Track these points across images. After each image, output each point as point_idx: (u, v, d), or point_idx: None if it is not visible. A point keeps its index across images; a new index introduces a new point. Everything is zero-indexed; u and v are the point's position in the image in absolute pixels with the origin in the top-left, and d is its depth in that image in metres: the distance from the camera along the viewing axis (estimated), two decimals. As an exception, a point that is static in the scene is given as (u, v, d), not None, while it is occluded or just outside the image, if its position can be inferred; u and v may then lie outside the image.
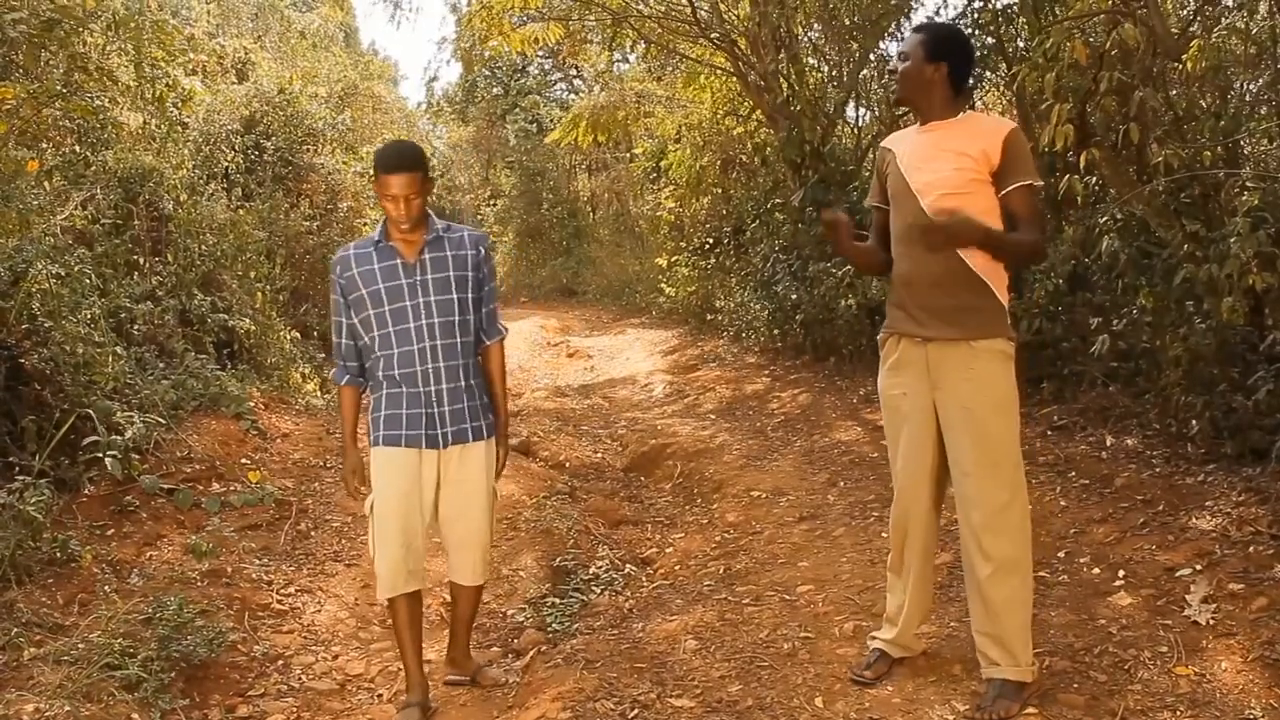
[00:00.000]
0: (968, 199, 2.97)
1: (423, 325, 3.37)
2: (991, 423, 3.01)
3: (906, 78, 3.13)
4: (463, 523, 3.52)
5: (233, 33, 13.30)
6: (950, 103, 3.12)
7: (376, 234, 3.42)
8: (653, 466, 6.98)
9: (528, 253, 20.69)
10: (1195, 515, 4.18)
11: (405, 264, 3.37)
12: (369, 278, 3.38)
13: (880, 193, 3.31)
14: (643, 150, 16.09)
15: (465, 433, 3.45)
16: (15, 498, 4.25)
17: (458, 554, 3.58)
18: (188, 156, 8.79)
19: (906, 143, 3.21)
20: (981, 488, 3.02)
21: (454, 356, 3.42)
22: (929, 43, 3.10)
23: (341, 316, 3.47)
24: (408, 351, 3.37)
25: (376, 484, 3.44)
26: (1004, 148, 2.98)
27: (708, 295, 12.19)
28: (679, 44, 11.31)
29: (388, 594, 3.47)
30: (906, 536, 3.29)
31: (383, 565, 3.43)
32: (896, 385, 3.22)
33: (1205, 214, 4.93)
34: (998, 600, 3.03)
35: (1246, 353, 4.60)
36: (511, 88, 24.12)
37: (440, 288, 3.39)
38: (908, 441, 3.20)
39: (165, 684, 3.55)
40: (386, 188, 3.26)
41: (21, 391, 4.93)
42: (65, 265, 5.57)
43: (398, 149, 3.36)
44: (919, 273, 3.10)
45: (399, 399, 3.40)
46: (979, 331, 3.03)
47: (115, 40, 6.92)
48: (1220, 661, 3.18)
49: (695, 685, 3.50)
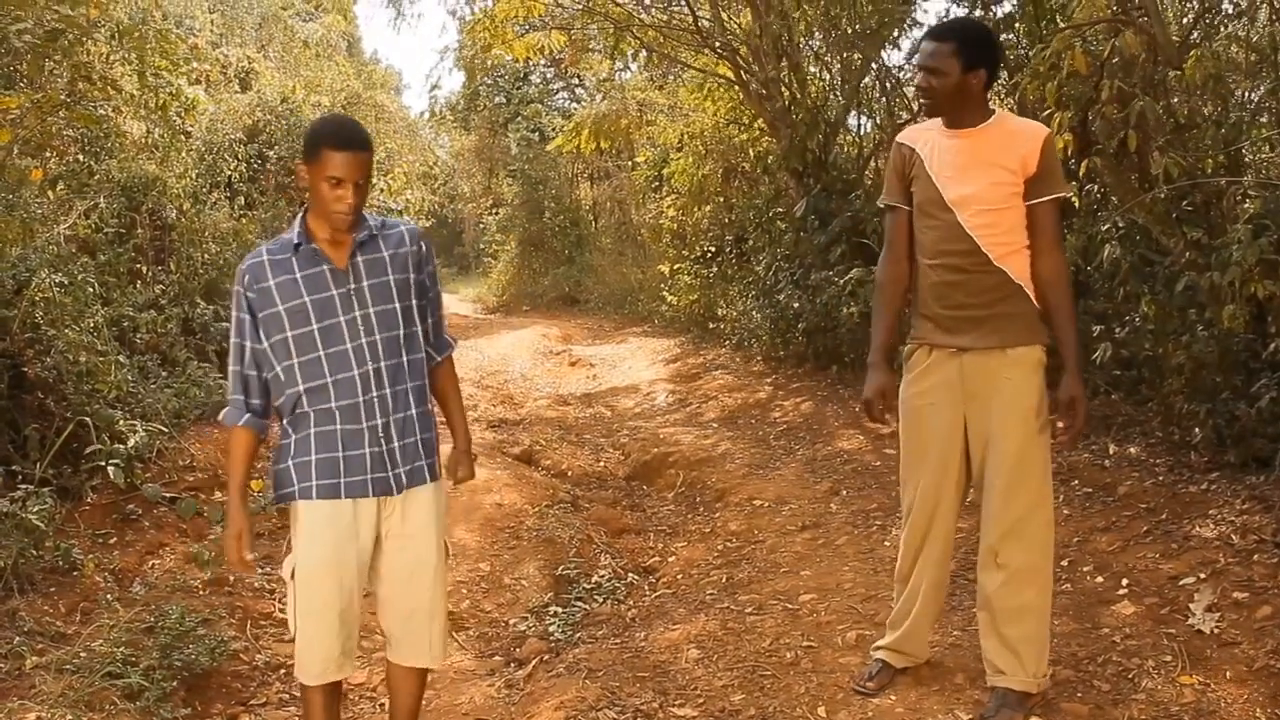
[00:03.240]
0: (1004, 214, 2.93)
1: (362, 345, 2.69)
2: (1025, 433, 2.96)
3: (943, 95, 2.96)
4: (414, 587, 2.83)
5: (236, 42, 13.35)
6: (984, 106, 3.00)
7: (294, 234, 2.70)
8: (655, 475, 6.97)
9: (530, 261, 20.68)
10: (1198, 524, 4.18)
11: (335, 271, 2.69)
12: (288, 290, 2.66)
13: (902, 193, 3.14)
14: (645, 159, 16.10)
15: (422, 471, 2.80)
16: (18, 506, 4.24)
17: (407, 627, 2.86)
18: (191, 165, 8.82)
19: (932, 144, 3.06)
20: (1008, 498, 2.97)
21: (402, 379, 2.76)
22: (964, 50, 2.92)
23: (247, 339, 2.73)
24: (347, 379, 2.67)
25: (304, 546, 2.73)
26: (1041, 154, 2.90)
27: (710, 304, 12.19)
28: (681, 53, 11.33)
29: (314, 680, 2.77)
30: (924, 546, 3.19)
31: (311, 646, 2.74)
32: (923, 395, 3.12)
33: (1207, 222, 4.93)
34: (1008, 609, 3.01)
35: (1249, 360, 4.59)
36: (514, 96, 24.16)
37: (380, 296, 2.72)
38: (936, 453, 3.10)
39: (167, 693, 3.54)
40: (331, 168, 2.56)
41: (24, 400, 4.93)
42: (68, 274, 5.58)
43: (346, 122, 2.73)
44: (955, 284, 3.01)
45: (332, 439, 2.69)
46: (1015, 339, 2.98)
47: (119, 50, 6.94)
48: (1224, 671, 3.17)
49: (698, 694, 3.49)
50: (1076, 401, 2.96)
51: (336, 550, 2.71)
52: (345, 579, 2.72)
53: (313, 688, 2.79)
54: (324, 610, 2.71)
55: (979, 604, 3.13)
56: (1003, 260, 2.95)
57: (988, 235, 2.94)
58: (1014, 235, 2.96)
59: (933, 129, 3.09)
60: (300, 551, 2.74)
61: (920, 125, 3.22)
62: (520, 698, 3.75)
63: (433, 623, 2.87)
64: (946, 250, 3.00)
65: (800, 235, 9.31)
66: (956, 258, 2.98)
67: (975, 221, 2.93)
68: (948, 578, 3.36)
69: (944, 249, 3.01)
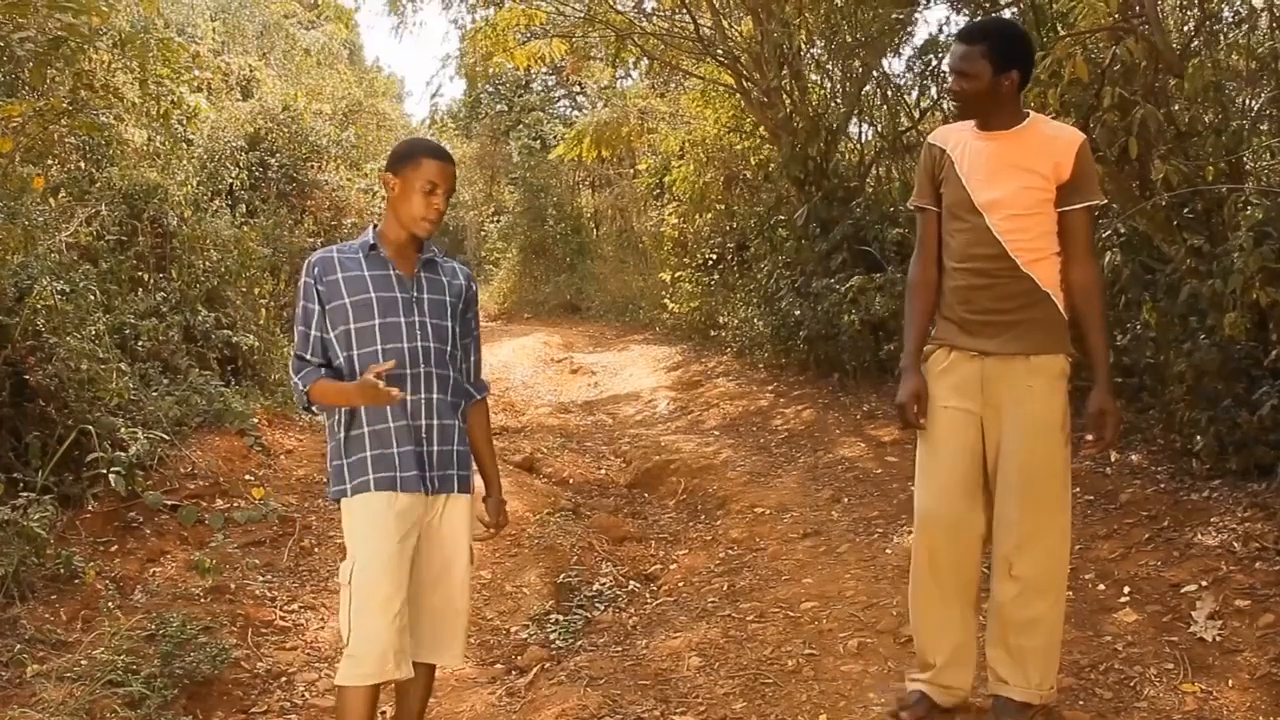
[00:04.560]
0: (1034, 220, 2.90)
1: (418, 347, 2.84)
2: (1045, 443, 2.91)
3: (974, 98, 2.91)
4: (443, 586, 2.93)
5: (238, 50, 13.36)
6: (1017, 109, 2.96)
7: (368, 238, 2.91)
8: (656, 483, 6.97)
9: (531, 269, 20.68)
10: (1200, 531, 4.17)
11: (400, 276, 2.87)
12: (357, 285, 2.84)
13: (932, 195, 3.09)
14: (646, 166, 16.12)
15: (452, 480, 2.92)
16: (19, 514, 4.25)
17: (431, 625, 2.92)
18: (192, 173, 8.81)
19: (963, 145, 3.01)
20: (1023, 508, 2.89)
21: (446, 390, 2.91)
22: (996, 51, 2.86)
23: (314, 328, 2.85)
24: (399, 376, 2.80)
25: (364, 542, 2.78)
26: (1076, 161, 2.87)
27: (711, 311, 12.19)
28: (682, 61, 11.35)
29: (368, 679, 2.75)
30: (954, 559, 3.01)
31: (372, 644, 2.72)
32: (941, 398, 3.03)
33: (1208, 229, 4.93)
34: (1020, 620, 2.94)
35: (1251, 368, 4.59)
36: (515, 104, 24.17)
37: (435, 311, 2.91)
38: (948, 456, 3.01)
39: (168, 701, 3.54)
40: (429, 174, 2.80)
41: (26, 407, 4.93)
42: (70, 281, 5.58)
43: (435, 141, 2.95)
44: (981, 289, 2.96)
45: (386, 435, 2.81)
46: (1040, 347, 2.93)
47: (121, 58, 6.96)
48: (1227, 678, 3.17)
49: (699, 702, 3.48)
50: (1106, 414, 2.91)
51: (393, 543, 2.76)
52: (401, 572, 2.76)
53: (358, 691, 2.76)
54: (385, 603, 2.73)
55: (990, 610, 3.05)
56: (1030, 266, 2.91)
57: (1016, 240, 2.90)
58: (1043, 241, 2.92)
59: (965, 130, 3.04)
60: (358, 547, 2.79)
61: (952, 125, 3.16)
62: (521, 705, 3.75)
63: (456, 622, 2.97)
64: (974, 254, 2.96)
65: (801, 243, 9.32)
66: (983, 262, 2.94)
67: (1004, 226, 2.90)
68: (976, 588, 3.11)
69: (971, 253, 2.97)
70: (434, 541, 2.90)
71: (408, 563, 2.79)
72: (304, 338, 2.87)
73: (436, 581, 2.91)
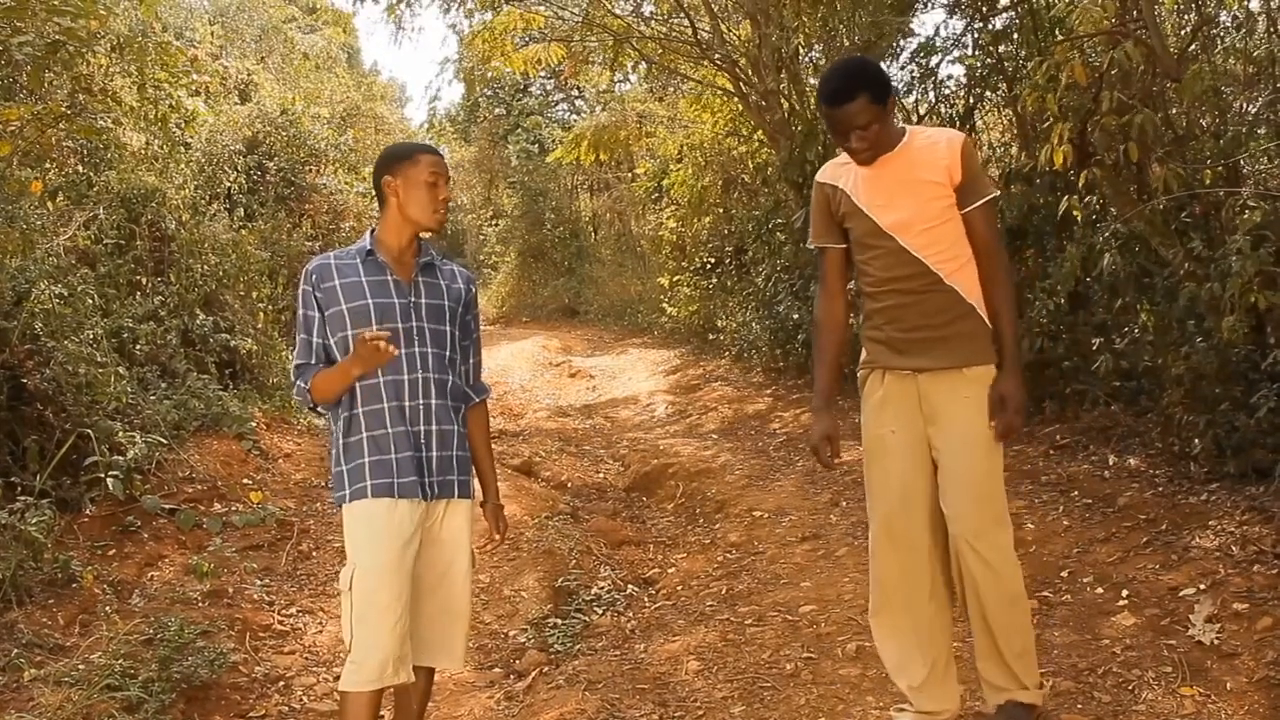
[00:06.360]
0: (944, 229, 2.91)
1: (415, 354, 2.83)
2: (987, 451, 2.93)
3: (881, 142, 2.89)
4: (444, 589, 2.93)
5: (236, 54, 13.38)
6: (895, 128, 2.97)
7: (365, 243, 2.90)
8: (655, 487, 6.97)
9: (530, 273, 20.72)
10: (1198, 534, 4.17)
11: (399, 282, 2.86)
12: (354, 291, 2.82)
13: (830, 233, 3.10)
14: (644, 170, 16.14)
15: (452, 486, 2.91)
16: (17, 518, 4.24)
17: (433, 628, 2.92)
18: (190, 177, 8.83)
19: (854, 177, 3.01)
20: (980, 516, 2.91)
21: (444, 395, 2.90)
22: (873, 92, 2.82)
23: (315, 335, 2.86)
24: (398, 382, 2.81)
25: (364, 549, 2.77)
26: (964, 160, 2.89)
27: (709, 315, 12.21)
28: (680, 64, 11.37)
29: (370, 685, 2.73)
30: (917, 581, 3.02)
31: (372, 651, 2.71)
32: (884, 423, 3.05)
33: (1206, 233, 4.94)
34: (1001, 610, 2.92)
35: (1248, 371, 4.59)
36: (514, 108, 24.21)
37: (434, 316, 2.89)
38: (901, 480, 3.03)
39: (166, 705, 3.53)
40: (425, 169, 2.83)
41: (24, 411, 4.93)
42: (68, 285, 5.58)
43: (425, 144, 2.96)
44: (909, 306, 2.97)
45: (384, 442, 2.80)
46: (971, 359, 2.95)
47: (119, 62, 6.97)
48: (1225, 682, 3.16)
49: (698, 706, 3.48)
50: (1007, 399, 2.91)
51: (393, 548, 2.75)
52: (401, 578, 2.75)
53: (360, 696, 2.74)
54: (386, 607, 2.72)
55: (973, 624, 3.00)
56: (953, 277, 2.93)
57: (933, 253, 2.92)
58: (958, 248, 2.94)
59: (849, 163, 3.03)
60: (359, 553, 2.78)
61: (835, 161, 3.14)
62: (520, 709, 3.75)
63: (457, 625, 2.96)
64: (895, 276, 2.97)
65: (800, 246, 9.32)
66: (907, 281, 2.95)
67: (918, 242, 2.91)
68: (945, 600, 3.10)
69: (893, 275, 2.97)
70: (435, 546, 2.90)
71: (408, 569, 2.78)
72: (305, 345, 2.87)
73: (437, 585, 2.91)
